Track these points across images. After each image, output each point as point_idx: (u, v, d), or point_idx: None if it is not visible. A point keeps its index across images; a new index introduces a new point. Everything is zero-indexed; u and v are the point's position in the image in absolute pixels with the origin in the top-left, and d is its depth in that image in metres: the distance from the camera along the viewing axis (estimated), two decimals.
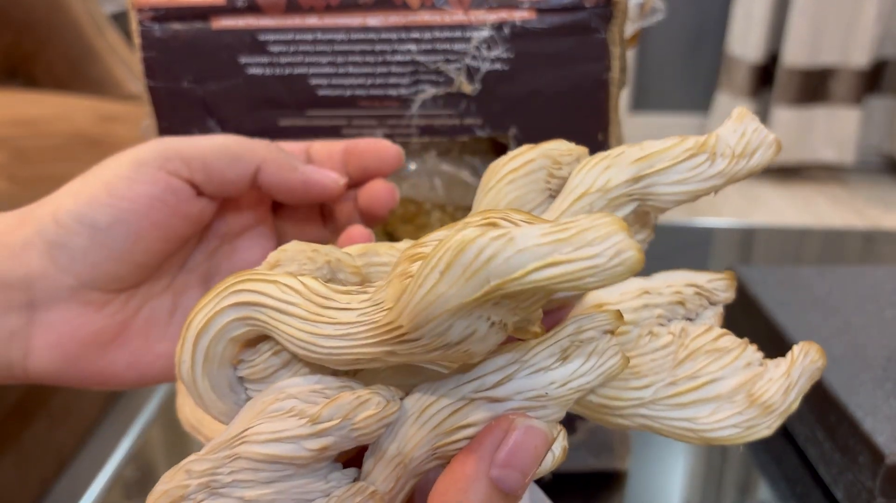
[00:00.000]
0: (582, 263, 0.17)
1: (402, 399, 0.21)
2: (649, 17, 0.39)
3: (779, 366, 0.24)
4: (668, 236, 0.75)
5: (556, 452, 0.21)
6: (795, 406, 0.23)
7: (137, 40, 0.36)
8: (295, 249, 0.23)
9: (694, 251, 0.72)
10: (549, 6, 0.35)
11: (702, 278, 0.26)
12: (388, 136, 0.36)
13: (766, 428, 0.23)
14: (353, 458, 0.22)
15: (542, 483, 0.37)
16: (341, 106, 0.36)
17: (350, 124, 0.36)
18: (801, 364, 0.23)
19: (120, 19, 0.95)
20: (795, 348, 0.24)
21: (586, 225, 0.17)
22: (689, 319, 0.26)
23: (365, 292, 0.21)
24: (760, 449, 0.45)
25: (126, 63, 0.85)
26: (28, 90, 0.87)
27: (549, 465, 0.21)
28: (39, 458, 0.58)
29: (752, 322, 0.49)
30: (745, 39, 1.84)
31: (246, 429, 0.20)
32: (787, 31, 1.78)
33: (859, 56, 1.79)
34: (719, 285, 0.26)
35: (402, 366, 0.22)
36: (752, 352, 0.24)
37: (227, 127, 0.36)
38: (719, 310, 0.26)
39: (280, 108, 0.36)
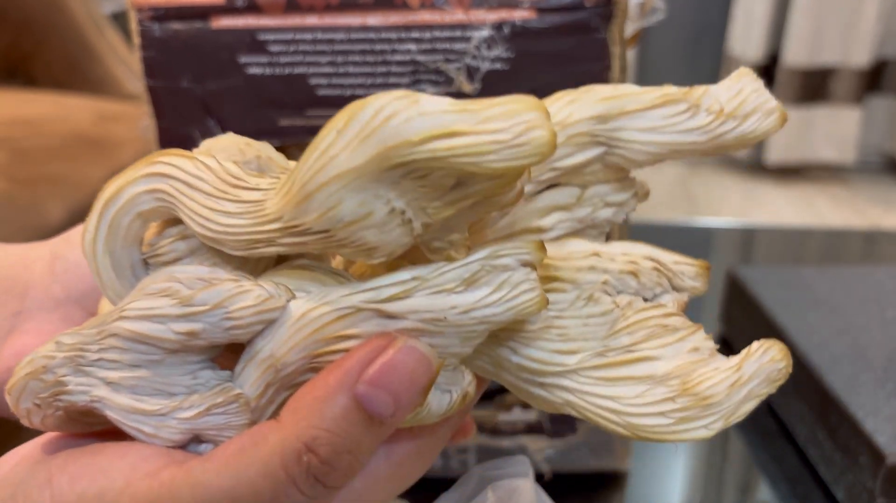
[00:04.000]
0: (486, 136, 0.16)
1: (289, 301, 0.19)
2: (650, 16, 0.39)
3: (731, 359, 0.20)
4: (669, 236, 0.74)
5: (454, 394, 0.19)
6: (745, 411, 0.19)
7: (137, 40, 0.36)
8: (228, 140, 0.22)
9: (694, 251, 0.72)
10: (550, 6, 0.35)
11: (667, 257, 0.23)
12: None
13: (704, 427, 0.19)
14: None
15: (542, 482, 0.37)
16: (341, 105, 0.36)
17: None
18: (758, 360, 0.20)
19: (119, 19, 0.95)
20: (755, 343, 0.20)
21: (498, 101, 0.16)
22: (645, 299, 0.22)
23: (277, 177, 0.19)
24: (760, 449, 0.45)
25: (125, 62, 0.85)
26: (27, 90, 0.87)
27: (441, 408, 0.19)
28: None
29: (753, 322, 0.49)
30: (746, 39, 1.84)
31: (122, 306, 0.19)
32: (788, 31, 1.78)
33: (860, 55, 1.78)
34: (687, 270, 0.23)
35: (303, 270, 0.20)
36: (703, 338, 0.20)
37: (226, 127, 0.36)
38: (682, 297, 0.22)
39: (280, 107, 0.36)
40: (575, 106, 0.21)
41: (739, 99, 0.21)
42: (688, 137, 0.21)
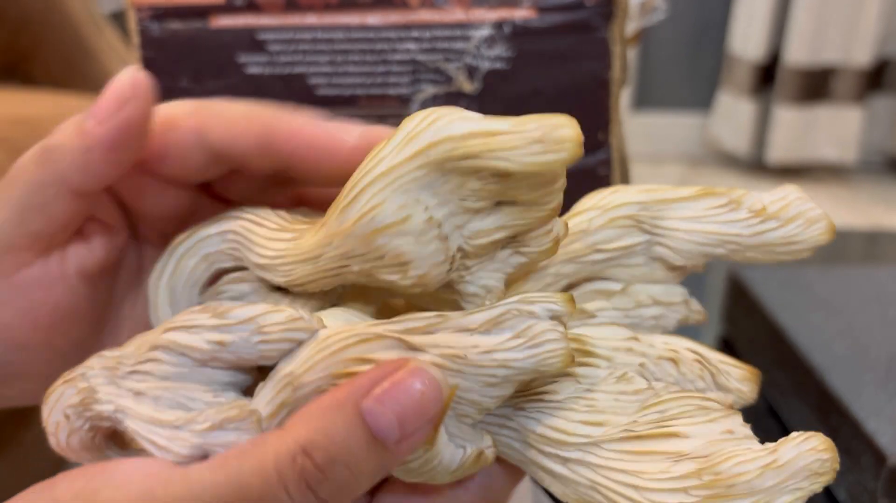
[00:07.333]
0: (518, 135, 0.17)
1: (319, 330, 0.19)
2: (650, 15, 0.39)
3: (767, 443, 0.19)
4: None
5: (468, 449, 0.19)
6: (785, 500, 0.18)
7: (136, 39, 0.36)
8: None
9: None
10: (550, 5, 0.34)
11: (712, 354, 0.22)
12: None
13: None
14: None
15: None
16: (341, 105, 0.36)
17: None
18: (797, 447, 0.18)
19: (118, 18, 0.95)
20: (794, 433, 0.19)
21: (531, 117, 0.18)
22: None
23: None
24: None
25: (124, 62, 0.85)
26: (25, 89, 0.86)
27: (454, 462, 0.18)
28: (39, 459, 0.58)
29: (754, 323, 0.49)
30: (747, 38, 1.83)
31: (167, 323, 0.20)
32: (789, 30, 1.78)
33: (861, 55, 1.78)
34: (733, 371, 0.21)
35: (340, 311, 0.21)
36: (740, 424, 0.19)
37: None
38: (727, 399, 0.20)
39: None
40: (617, 194, 0.22)
41: (783, 203, 0.21)
42: (730, 229, 0.21)
